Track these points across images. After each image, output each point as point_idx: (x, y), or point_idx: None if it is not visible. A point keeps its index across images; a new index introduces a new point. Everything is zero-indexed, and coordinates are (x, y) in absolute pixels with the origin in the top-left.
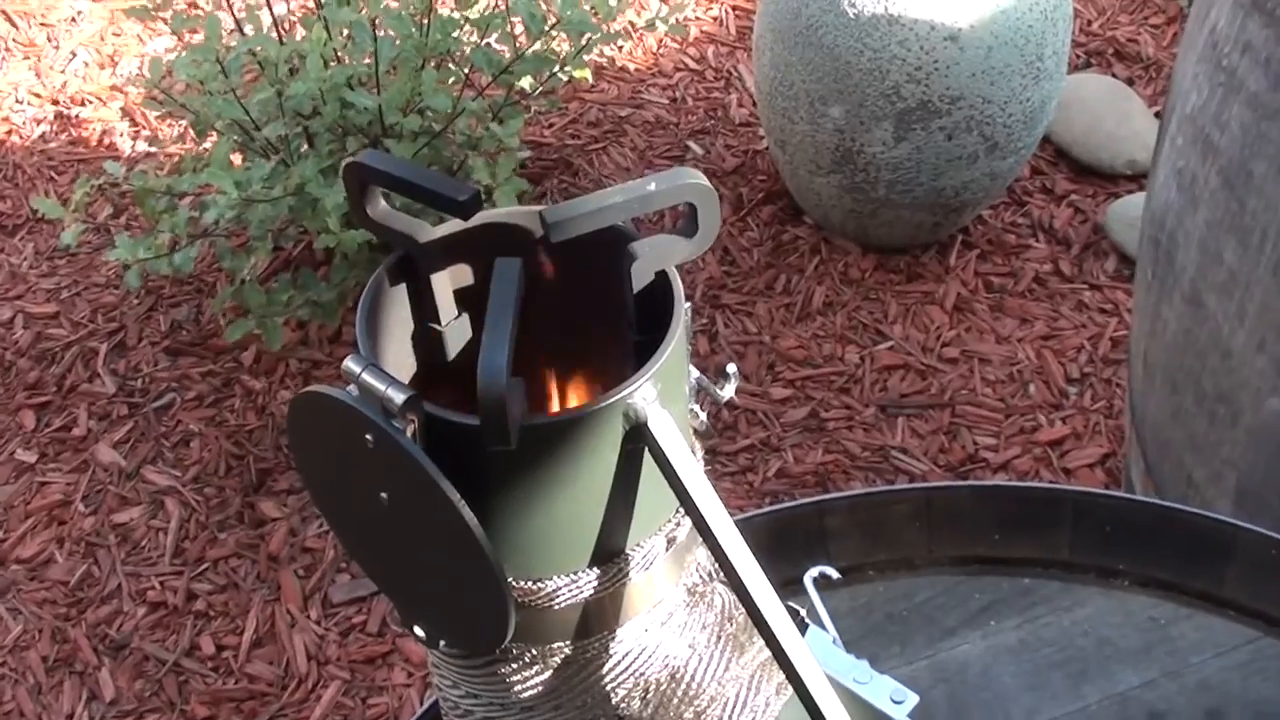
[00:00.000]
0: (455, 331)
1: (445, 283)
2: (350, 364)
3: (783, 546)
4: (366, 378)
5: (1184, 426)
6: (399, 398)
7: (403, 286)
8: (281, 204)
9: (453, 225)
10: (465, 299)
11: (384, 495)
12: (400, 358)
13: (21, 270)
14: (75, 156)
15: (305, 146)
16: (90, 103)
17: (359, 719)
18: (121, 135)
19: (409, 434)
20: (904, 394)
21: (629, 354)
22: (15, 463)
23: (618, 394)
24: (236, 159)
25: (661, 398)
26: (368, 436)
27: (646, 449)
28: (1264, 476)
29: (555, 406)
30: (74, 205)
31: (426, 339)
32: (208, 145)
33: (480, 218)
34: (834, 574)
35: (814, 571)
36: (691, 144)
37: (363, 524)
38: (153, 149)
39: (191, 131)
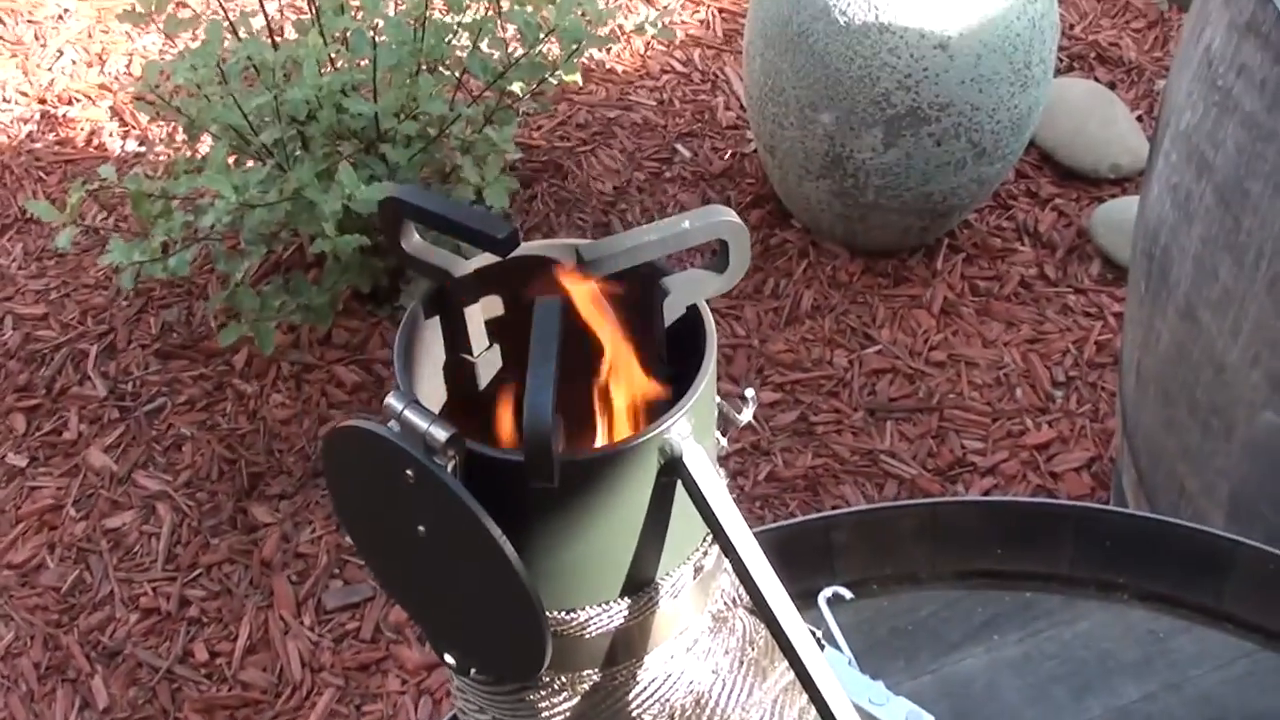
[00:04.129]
0: (486, 362)
1: (478, 315)
2: (392, 401)
3: (790, 561)
4: (409, 415)
5: (1177, 437)
6: (442, 435)
7: (435, 318)
8: (279, 208)
9: (486, 258)
10: (496, 328)
11: (421, 528)
12: (432, 387)
13: (10, 271)
14: (63, 156)
15: (300, 150)
16: (78, 101)
17: None
18: (110, 135)
19: (449, 470)
20: (892, 398)
21: (656, 383)
22: (6, 467)
23: (654, 430)
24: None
25: (695, 432)
26: (408, 472)
27: (679, 481)
28: (1257, 488)
29: (585, 437)
30: (69, 209)
31: (457, 368)
32: (199, 148)
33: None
34: (847, 595)
35: (828, 592)
36: (679, 146)
37: (397, 554)
38: (141, 149)
39: (180, 133)
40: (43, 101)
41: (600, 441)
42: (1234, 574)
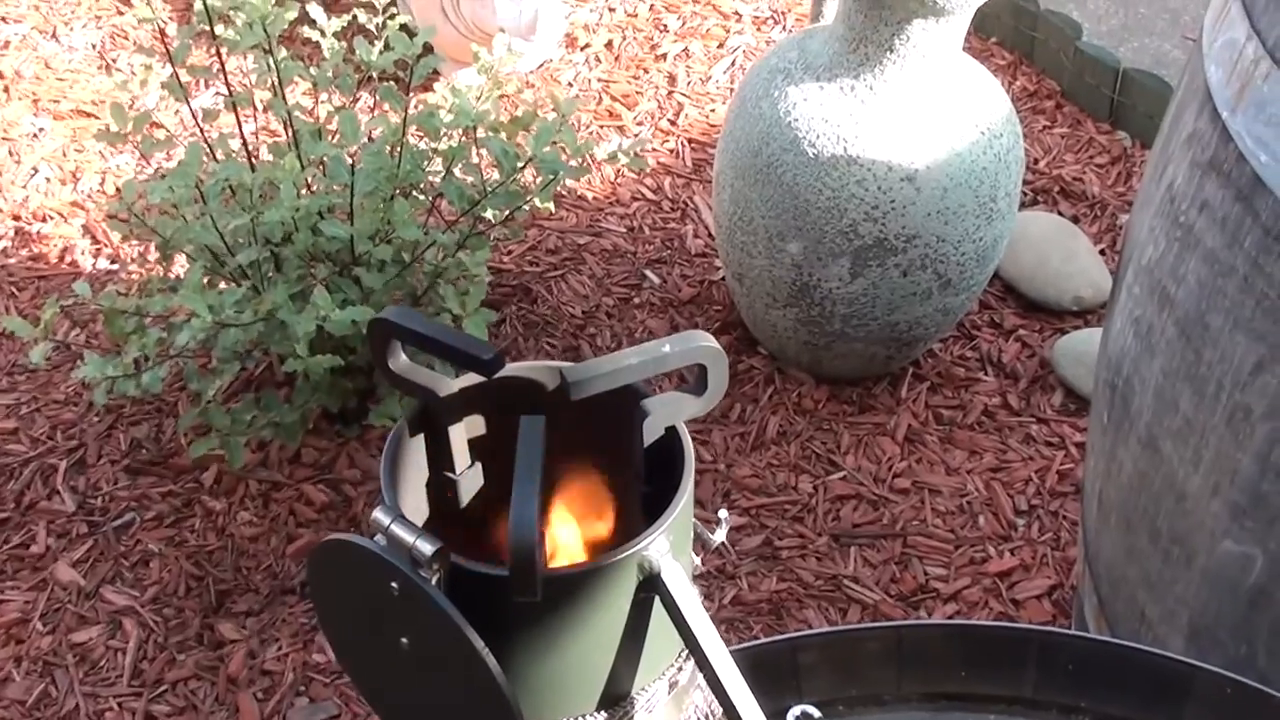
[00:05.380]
0: (469, 480)
1: (461, 433)
2: (379, 515)
3: (757, 681)
4: (395, 529)
5: (1138, 565)
6: (428, 549)
7: (420, 436)
8: (252, 329)
9: (471, 378)
10: (477, 446)
11: (404, 640)
12: (416, 502)
13: None
14: (35, 272)
15: (273, 272)
16: (51, 219)
17: None
18: (83, 253)
19: (435, 583)
20: (856, 524)
21: (635, 502)
22: None
23: (634, 547)
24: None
25: (673, 549)
26: (394, 584)
27: (657, 598)
28: (1217, 616)
29: (563, 552)
30: (43, 325)
31: (440, 484)
32: (173, 267)
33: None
34: (815, 714)
35: (796, 710)
36: (649, 273)
37: (378, 665)
38: (114, 267)
39: (152, 251)
40: (16, 218)
41: (579, 557)
42: (1192, 698)
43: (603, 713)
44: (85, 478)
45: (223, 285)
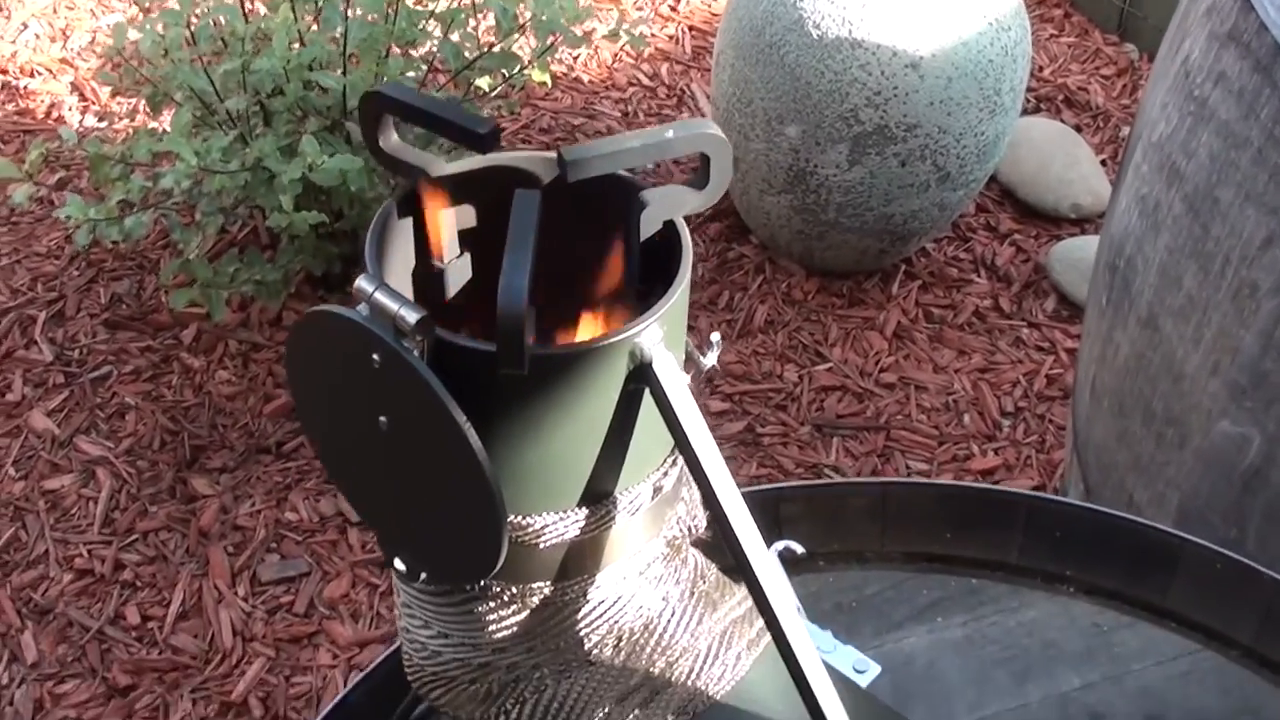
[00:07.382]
0: (456, 271)
1: (451, 220)
2: (362, 283)
3: None
4: (379, 297)
5: (1129, 449)
6: (412, 317)
7: (408, 223)
8: (239, 177)
9: (465, 163)
10: (467, 240)
11: (383, 419)
12: (401, 289)
13: None
14: (21, 127)
15: (262, 125)
16: (39, 74)
17: (282, 696)
18: (70, 109)
19: (417, 355)
20: (840, 415)
21: (630, 300)
22: None
23: (626, 332)
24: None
25: (666, 340)
26: (374, 356)
27: (647, 390)
28: (1208, 498)
29: (552, 340)
30: (29, 166)
31: (426, 277)
32: (162, 121)
33: (493, 158)
34: (799, 549)
35: (779, 545)
36: None
37: (355, 449)
38: (101, 125)
39: (143, 108)
40: (4, 73)
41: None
42: (1180, 572)
43: (584, 509)
44: (64, 329)
45: (212, 135)
